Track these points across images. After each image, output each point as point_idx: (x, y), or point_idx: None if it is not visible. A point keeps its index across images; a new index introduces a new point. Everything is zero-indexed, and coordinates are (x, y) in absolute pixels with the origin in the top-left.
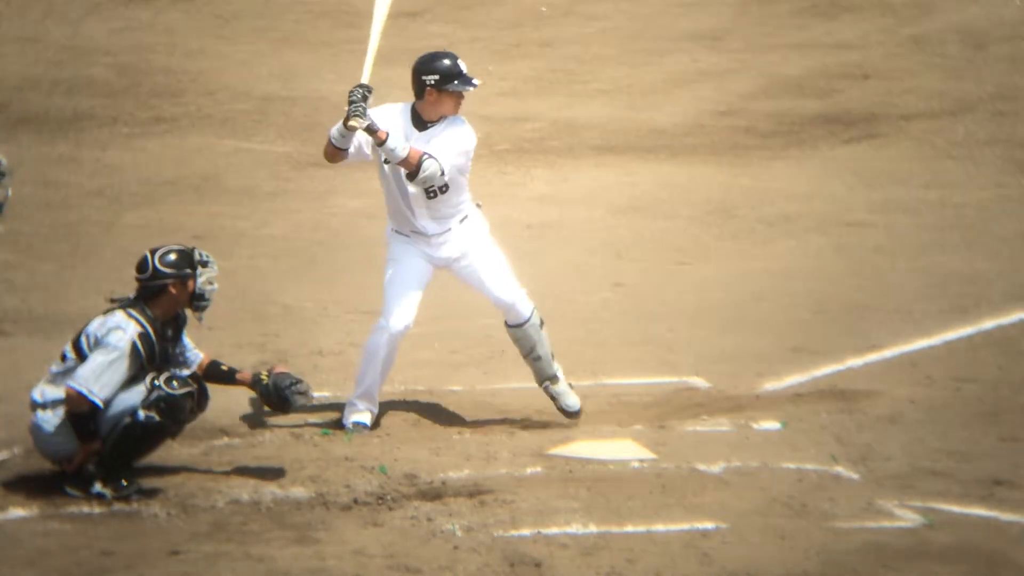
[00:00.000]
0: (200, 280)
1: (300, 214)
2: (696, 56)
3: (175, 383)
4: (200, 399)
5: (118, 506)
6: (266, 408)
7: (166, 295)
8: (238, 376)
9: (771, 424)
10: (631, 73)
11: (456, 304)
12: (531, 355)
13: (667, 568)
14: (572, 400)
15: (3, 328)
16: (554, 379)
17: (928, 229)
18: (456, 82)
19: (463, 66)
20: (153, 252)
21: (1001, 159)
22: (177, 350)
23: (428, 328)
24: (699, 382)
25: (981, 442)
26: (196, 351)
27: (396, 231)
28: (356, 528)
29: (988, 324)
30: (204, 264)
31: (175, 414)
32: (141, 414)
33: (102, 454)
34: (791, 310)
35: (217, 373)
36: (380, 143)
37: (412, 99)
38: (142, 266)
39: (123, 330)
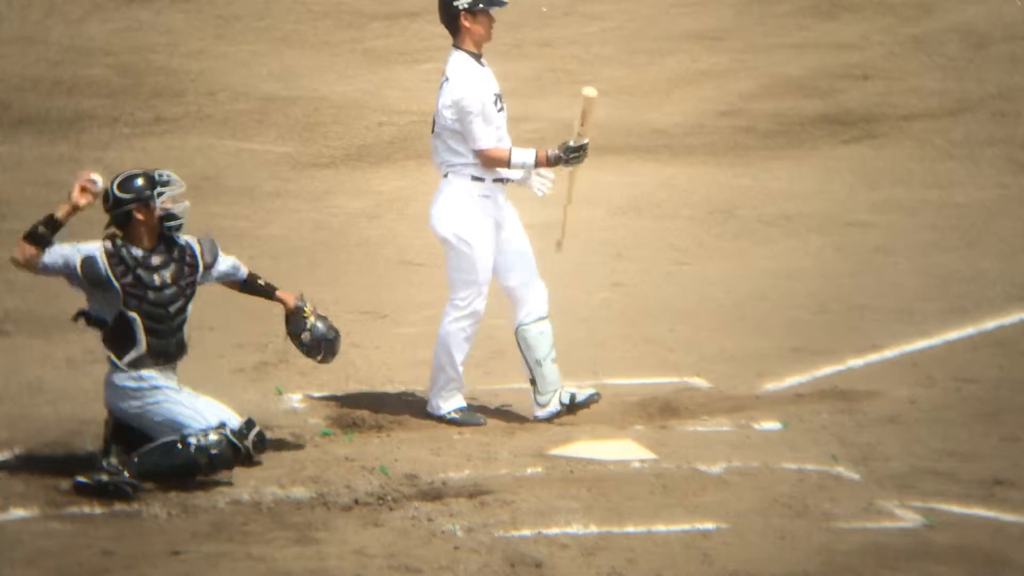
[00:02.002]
0: (162, 200)
1: (300, 214)
2: (696, 56)
3: (242, 433)
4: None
5: (118, 506)
6: (290, 336)
7: (134, 221)
8: (277, 293)
9: (771, 424)
10: (631, 73)
11: None
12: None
13: (668, 568)
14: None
15: (3, 328)
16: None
17: (928, 229)
18: (482, 3)
19: None
20: (112, 181)
21: (1001, 159)
22: (214, 274)
23: (428, 328)
24: (699, 382)
25: (981, 442)
26: (241, 268)
27: (484, 195)
28: (357, 528)
29: (989, 324)
30: (165, 184)
31: (218, 462)
32: (192, 442)
33: (135, 450)
34: (791, 310)
35: (254, 287)
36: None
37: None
38: (104, 197)
39: (95, 243)
